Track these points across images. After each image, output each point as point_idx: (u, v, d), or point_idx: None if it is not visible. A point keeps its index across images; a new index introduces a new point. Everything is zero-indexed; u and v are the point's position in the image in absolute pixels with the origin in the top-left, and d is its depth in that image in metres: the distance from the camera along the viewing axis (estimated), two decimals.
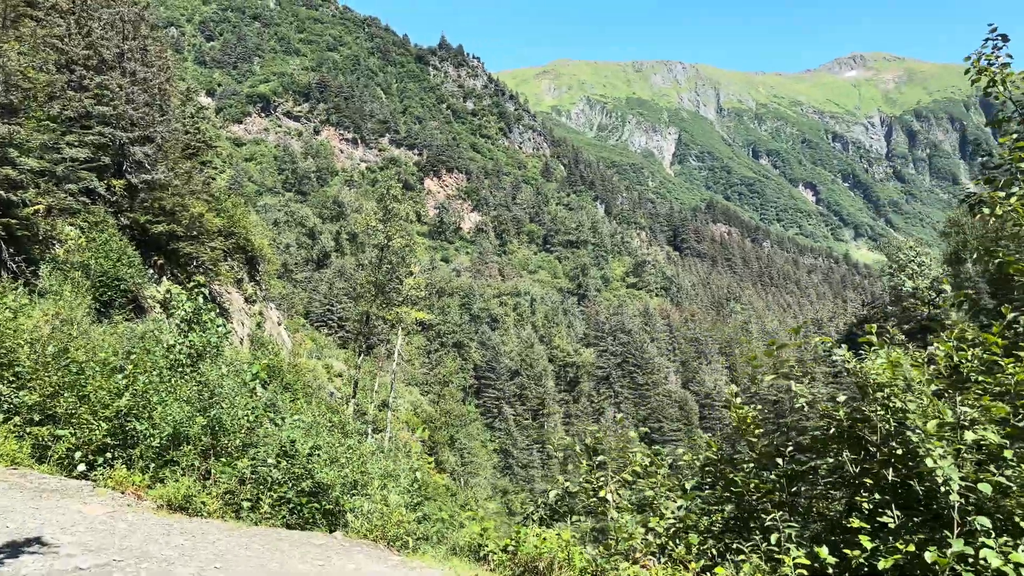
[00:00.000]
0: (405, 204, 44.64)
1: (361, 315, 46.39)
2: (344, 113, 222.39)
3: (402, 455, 41.33)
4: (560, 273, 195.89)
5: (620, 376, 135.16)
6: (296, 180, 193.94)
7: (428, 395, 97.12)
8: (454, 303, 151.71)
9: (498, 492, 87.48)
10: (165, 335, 12.43)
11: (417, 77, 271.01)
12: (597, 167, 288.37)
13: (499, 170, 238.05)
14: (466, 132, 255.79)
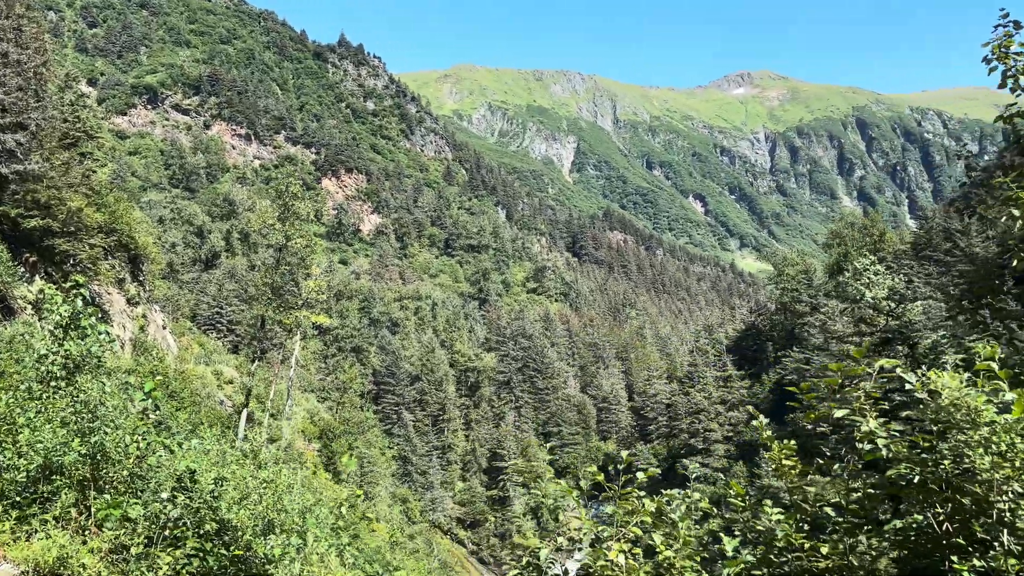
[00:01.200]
0: (305, 202, 42.54)
1: (256, 319, 43.85)
2: (237, 108, 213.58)
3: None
4: (462, 277, 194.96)
5: (521, 381, 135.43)
6: (184, 176, 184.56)
7: (326, 402, 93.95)
8: (353, 307, 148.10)
9: (397, 500, 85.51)
10: (37, 342, 10.72)
11: (315, 74, 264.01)
12: (499, 172, 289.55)
13: (400, 172, 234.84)
14: (366, 132, 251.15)
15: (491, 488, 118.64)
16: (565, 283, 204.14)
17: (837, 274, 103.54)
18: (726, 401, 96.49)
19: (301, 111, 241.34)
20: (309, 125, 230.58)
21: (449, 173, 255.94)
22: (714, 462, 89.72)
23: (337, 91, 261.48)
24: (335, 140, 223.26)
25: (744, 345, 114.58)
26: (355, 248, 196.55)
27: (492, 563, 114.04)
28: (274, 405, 44.44)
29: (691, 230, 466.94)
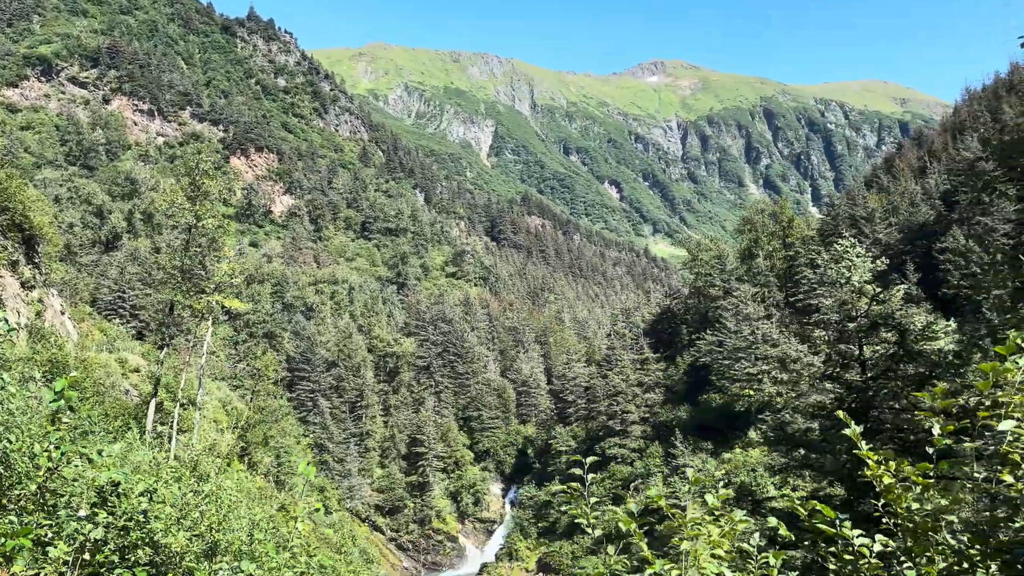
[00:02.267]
0: (217, 180, 40.20)
1: (164, 304, 41.33)
2: (139, 82, 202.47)
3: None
4: (379, 261, 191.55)
5: (441, 365, 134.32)
6: (82, 153, 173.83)
7: (238, 390, 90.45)
8: (265, 291, 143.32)
9: (314, 490, 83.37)
10: None
11: (223, 49, 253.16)
12: (416, 155, 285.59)
13: (314, 152, 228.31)
14: (277, 110, 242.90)
15: (410, 474, 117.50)
16: (484, 267, 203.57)
17: (749, 259, 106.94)
18: (643, 383, 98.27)
19: (208, 87, 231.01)
20: (217, 101, 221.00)
21: (365, 154, 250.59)
22: (631, 443, 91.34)
23: (246, 67, 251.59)
24: (244, 117, 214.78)
25: (660, 328, 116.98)
26: (266, 230, 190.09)
27: (411, 549, 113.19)
28: (185, 394, 42.08)
29: (607, 215, 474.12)
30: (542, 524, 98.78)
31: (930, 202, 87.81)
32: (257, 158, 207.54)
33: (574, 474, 5.42)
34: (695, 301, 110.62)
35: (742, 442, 77.12)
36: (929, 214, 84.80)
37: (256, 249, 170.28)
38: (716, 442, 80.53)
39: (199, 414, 41.84)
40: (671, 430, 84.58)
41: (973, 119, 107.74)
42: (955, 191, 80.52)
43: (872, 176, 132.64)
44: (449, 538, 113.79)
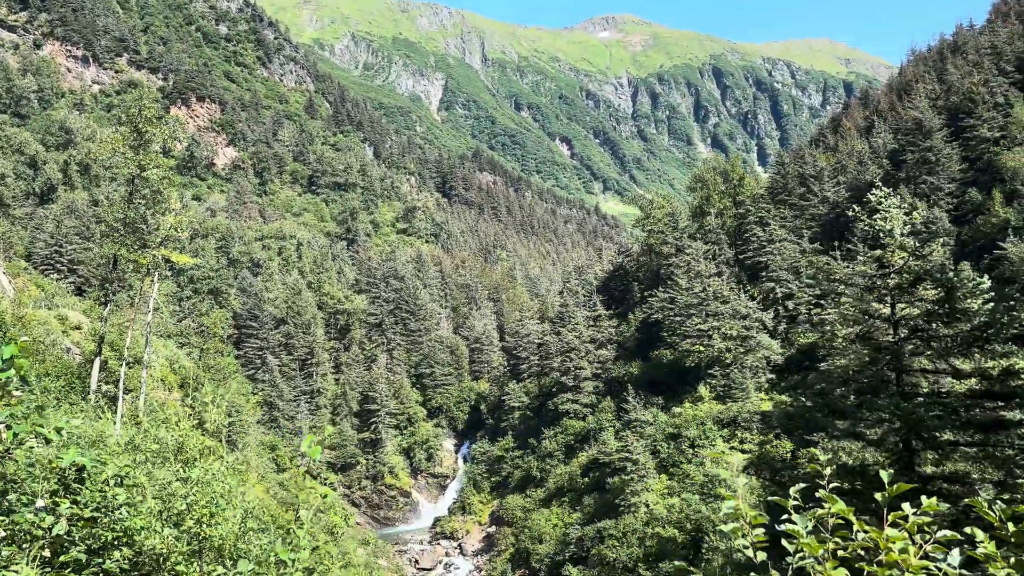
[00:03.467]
0: (162, 128, 38.21)
1: (107, 258, 39.51)
2: (72, 27, 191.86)
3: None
4: (328, 217, 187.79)
5: (393, 323, 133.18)
6: (12, 101, 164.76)
7: (184, 347, 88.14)
8: (209, 246, 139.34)
9: (265, 448, 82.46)
10: None
11: None
12: (365, 107, 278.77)
13: (258, 103, 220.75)
14: (219, 59, 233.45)
15: (362, 431, 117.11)
16: (436, 224, 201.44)
17: (700, 217, 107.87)
18: (595, 340, 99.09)
19: (146, 33, 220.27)
20: (155, 48, 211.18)
21: (311, 106, 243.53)
22: (584, 398, 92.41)
23: (186, 12, 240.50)
24: (185, 66, 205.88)
25: (612, 286, 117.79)
26: (209, 183, 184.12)
27: (364, 504, 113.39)
28: (130, 353, 40.54)
29: (558, 173, 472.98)
30: (495, 479, 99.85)
31: (878, 161, 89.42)
32: (199, 108, 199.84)
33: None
34: (647, 259, 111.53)
35: (692, 397, 78.67)
36: (877, 173, 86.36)
37: (199, 203, 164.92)
38: (667, 397, 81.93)
39: (146, 372, 40.43)
40: (623, 386, 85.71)
41: (919, 79, 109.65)
42: (902, 150, 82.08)
43: (819, 135, 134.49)
44: (402, 493, 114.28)
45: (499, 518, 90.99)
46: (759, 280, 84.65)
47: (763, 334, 78.14)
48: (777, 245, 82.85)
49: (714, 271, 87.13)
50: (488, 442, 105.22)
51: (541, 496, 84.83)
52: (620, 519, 68.40)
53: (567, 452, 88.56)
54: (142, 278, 42.87)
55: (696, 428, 73.18)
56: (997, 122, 78.52)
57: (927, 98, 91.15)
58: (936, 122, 79.43)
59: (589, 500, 76.25)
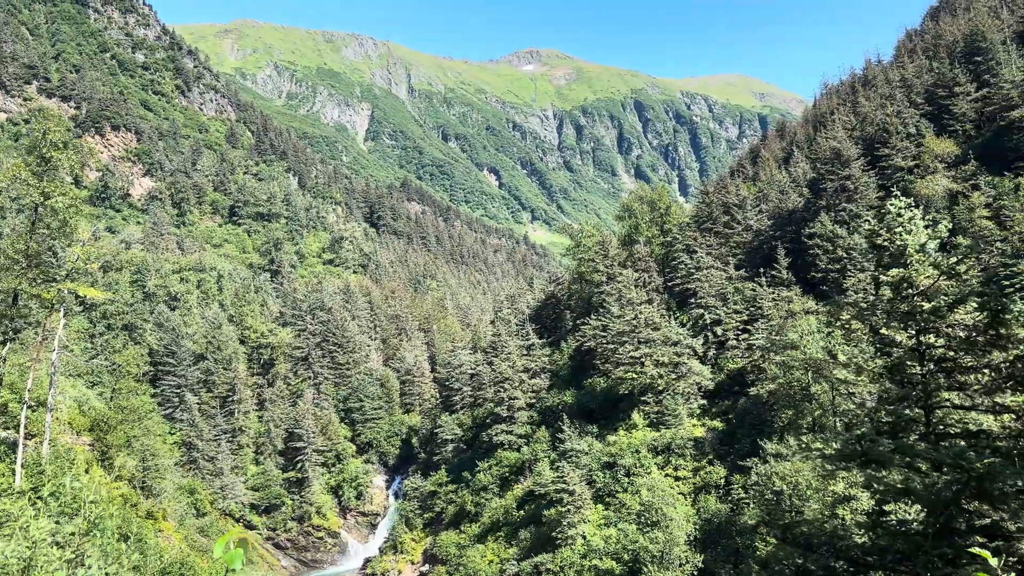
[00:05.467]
0: (68, 153, 35.78)
1: (6, 294, 36.53)
2: None
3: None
4: (250, 248, 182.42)
5: (320, 356, 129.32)
6: None
7: (95, 387, 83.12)
8: (124, 279, 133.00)
9: (184, 492, 78.22)
10: None
11: (74, 19, 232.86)
12: (289, 136, 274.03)
13: (176, 132, 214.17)
14: (136, 87, 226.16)
15: (288, 470, 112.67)
16: (364, 254, 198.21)
17: (629, 245, 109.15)
18: (529, 369, 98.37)
19: (57, 60, 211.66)
20: (67, 76, 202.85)
21: (233, 135, 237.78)
22: (518, 428, 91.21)
23: (100, 40, 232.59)
24: (99, 94, 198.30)
25: (544, 314, 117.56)
26: (124, 215, 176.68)
27: (290, 547, 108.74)
28: (33, 395, 37.44)
29: (486, 203, 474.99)
30: (428, 515, 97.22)
31: (798, 190, 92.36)
32: (113, 137, 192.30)
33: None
34: (578, 287, 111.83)
35: (626, 424, 78.51)
36: (797, 201, 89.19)
37: (113, 235, 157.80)
38: (601, 425, 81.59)
39: (51, 416, 37.35)
40: (557, 415, 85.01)
41: (833, 111, 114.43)
42: (821, 179, 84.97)
43: (738, 166, 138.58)
44: (330, 534, 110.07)
45: (433, 556, 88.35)
46: (688, 307, 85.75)
47: (694, 360, 78.91)
48: (705, 272, 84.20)
49: (645, 298, 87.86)
50: (420, 477, 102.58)
51: (476, 531, 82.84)
52: (557, 552, 67.21)
53: (502, 484, 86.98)
54: (48, 314, 39.88)
55: (631, 456, 72.89)
56: (910, 151, 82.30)
57: (844, 128, 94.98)
58: (853, 151, 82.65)
59: (525, 533, 74.77)
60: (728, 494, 62.50)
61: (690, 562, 55.86)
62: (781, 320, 67.80)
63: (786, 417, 60.83)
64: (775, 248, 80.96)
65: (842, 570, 13.28)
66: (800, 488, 46.70)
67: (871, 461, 14.89)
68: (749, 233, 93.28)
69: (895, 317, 17.17)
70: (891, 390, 17.46)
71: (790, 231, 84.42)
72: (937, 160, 79.48)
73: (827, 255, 75.55)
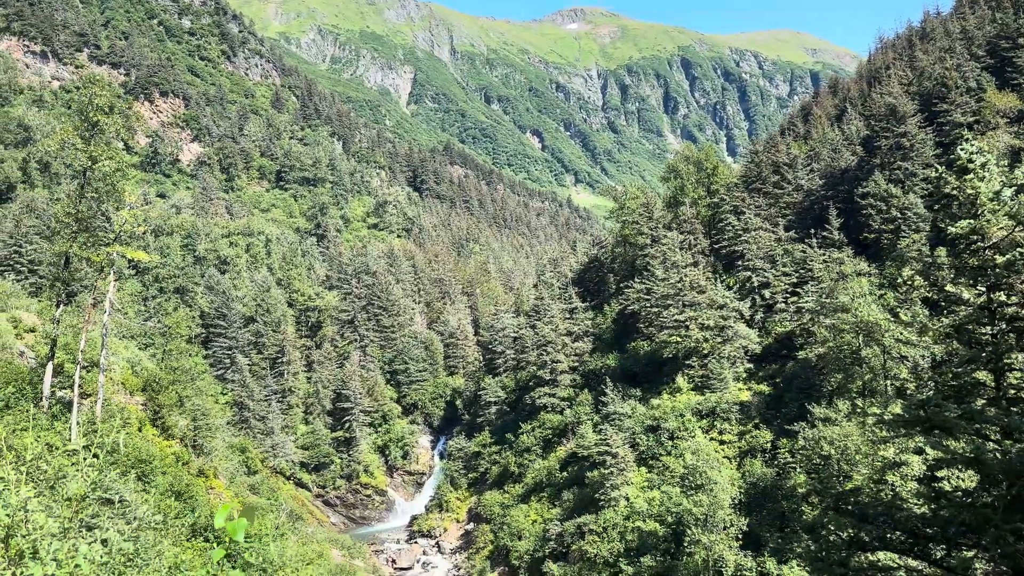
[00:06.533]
0: (114, 117, 36.10)
1: (59, 257, 37.33)
2: (29, 21, 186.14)
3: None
4: (296, 212, 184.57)
5: (366, 319, 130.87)
6: None
7: (148, 349, 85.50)
8: (175, 244, 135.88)
9: (235, 450, 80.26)
10: None
11: None
12: (333, 101, 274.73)
13: (223, 97, 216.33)
14: (183, 53, 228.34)
15: (336, 429, 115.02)
16: (407, 218, 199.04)
17: (675, 207, 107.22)
18: (572, 332, 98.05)
19: (107, 27, 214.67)
20: (116, 43, 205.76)
21: (278, 100, 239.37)
22: (561, 392, 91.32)
23: (148, 6, 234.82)
24: (147, 60, 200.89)
25: (587, 278, 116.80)
26: (174, 180, 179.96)
27: (339, 504, 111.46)
28: (86, 356, 38.44)
29: (529, 165, 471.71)
30: (472, 475, 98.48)
31: (851, 148, 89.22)
32: (162, 103, 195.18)
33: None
34: (622, 250, 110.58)
35: (670, 388, 77.89)
36: (850, 160, 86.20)
37: (164, 200, 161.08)
38: (644, 389, 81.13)
39: (104, 376, 38.36)
40: (600, 378, 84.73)
41: (888, 66, 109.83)
42: (875, 136, 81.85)
43: (789, 124, 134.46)
44: (378, 492, 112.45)
45: (477, 515, 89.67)
46: (735, 269, 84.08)
47: (740, 323, 77.58)
48: (752, 234, 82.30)
49: (690, 261, 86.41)
50: (464, 438, 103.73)
51: (519, 492, 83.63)
52: (600, 513, 67.44)
53: (545, 447, 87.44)
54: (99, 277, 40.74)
55: (675, 420, 72.41)
56: (970, 106, 78.60)
57: (900, 84, 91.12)
58: (909, 107, 79.27)
59: (568, 495, 75.19)
60: (774, 458, 61.71)
61: (735, 525, 55.46)
62: (832, 282, 66.01)
63: (835, 381, 59.54)
64: (826, 208, 78.57)
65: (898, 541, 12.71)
66: (849, 453, 45.76)
67: (935, 427, 14.04)
68: (799, 193, 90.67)
69: (963, 273, 15.87)
70: (958, 351, 16.13)
71: (842, 191, 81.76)
72: (999, 115, 75.70)
73: (880, 215, 73.03)
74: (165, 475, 36.53)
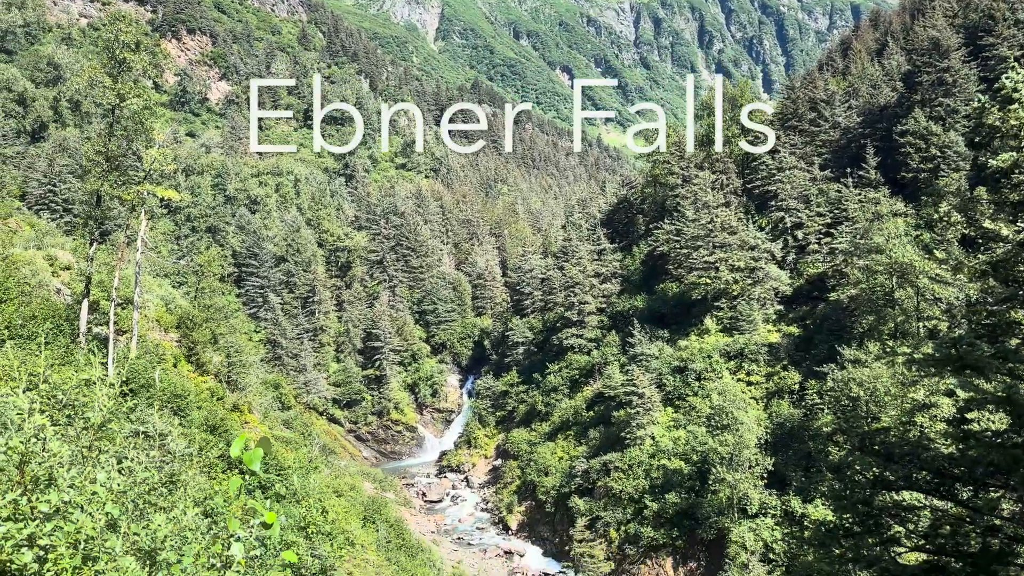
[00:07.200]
0: (141, 54, 35.92)
1: (91, 195, 37.75)
2: None
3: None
4: (325, 152, 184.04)
5: (394, 259, 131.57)
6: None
7: (181, 287, 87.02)
8: (205, 183, 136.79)
9: (269, 387, 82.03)
10: None
11: None
12: (359, 37, 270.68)
13: (249, 35, 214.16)
14: None
15: (367, 368, 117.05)
16: (435, 158, 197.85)
17: (707, 145, 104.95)
18: (600, 274, 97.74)
19: None
20: None
21: (305, 37, 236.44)
22: (588, 333, 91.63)
23: None
24: None
25: (616, 219, 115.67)
26: (203, 119, 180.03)
27: (370, 439, 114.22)
28: (120, 293, 39.18)
29: (558, 104, 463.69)
30: (500, 413, 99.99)
31: (891, 84, 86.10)
32: (189, 41, 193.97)
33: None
34: (652, 190, 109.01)
35: (698, 329, 77.71)
36: (890, 96, 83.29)
37: (193, 139, 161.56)
38: (672, 330, 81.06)
39: (137, 313, 39.17)
40: (628, 319, 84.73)
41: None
42: (917, 72, 78.81)
43: (827, 59, 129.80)
44: (408, 428, 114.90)
45: (505, 451, 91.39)
46: (768, 210, 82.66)
47: (771, 265, 76.65)
48: (787, 173, 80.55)
49: (722, 201, 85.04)
50: (492, 377, 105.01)
51: (546, 430, 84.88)
52: (625, 452, 68.33)
53: (572, 386, 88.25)
54: (131, 216, 41.23)
55: (702, 361, 72.45)
56: (1018, 40, 75.08)
57: (944, 16, 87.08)
58: (954, 41, 75.96)
59: (594, 433, 76.15)
60: (802, 399, 61.69)
61: (760, 464, 55.90)
62: (867, 223, 64.64)
63: (867, 323, 58.86)
64: (864, 147, 76.40)
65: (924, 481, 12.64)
66: (878, 394, 45.51)
67: (967, 367, 13.49)
68: (836, 131, 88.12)
69: (1003, 208, 15.15)
70: (994, 289, 15.64)
71: (880, 129, 79.25)
72: None
73: (919, 154, 70.86)
74: (200, 410, 37.55)
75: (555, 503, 74.26)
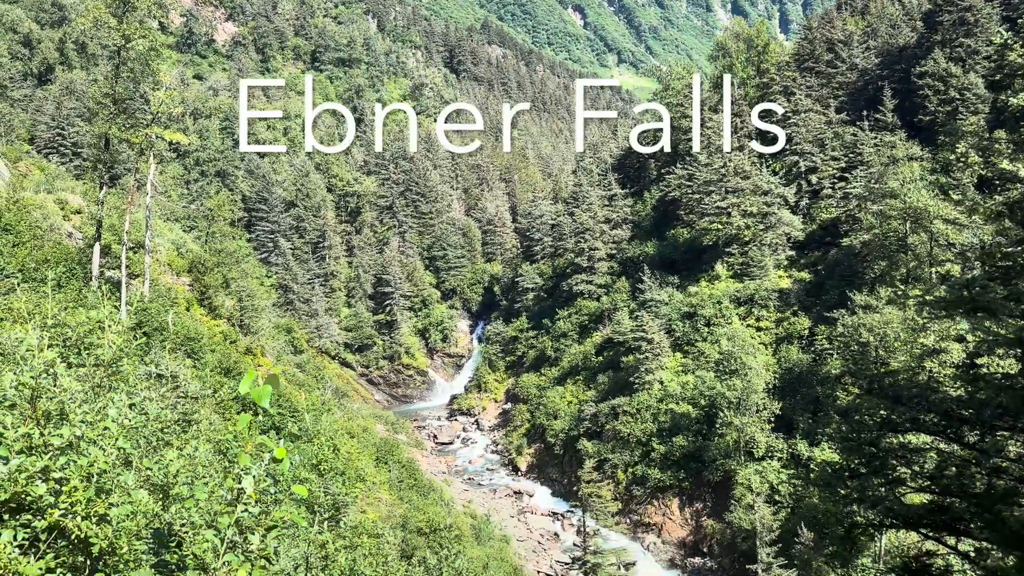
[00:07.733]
0: None
1: (99, 138, 37.54)
2: None
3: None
4: (332, 95, 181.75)
5: (404, 205, 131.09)
6: None
7: (192, 231, 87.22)
8: (213, 126, 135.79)
9: (281, 331, 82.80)
10: None
11: None
12: None
13: None
14: None
15: (378, 313, 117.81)
16: (444, 101, 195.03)
17: (722, 88, 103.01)
18: (610, 220, 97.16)
19: None
20: None
21: None
22: (598, 279, 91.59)
23: None
24: None
25: (627, 164, 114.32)
26: (210, 61, 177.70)
27: (382, 383, 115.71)
28: (132, 237, 39.32)
29: (570, 44, 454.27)
30: (509, 358, 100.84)
31: (911, 24, 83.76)
32: None
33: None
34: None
35: (708, 275, 77.56)
36: (910, 36, 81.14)
37: (201, 82, 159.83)
38: (682, 276, 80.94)
39: (149, 257, 39.37)
40: (638, 265, 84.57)
41: None
42: (938, 11, 76.53)
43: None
44: (419, 372, 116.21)
45: (514, 396, 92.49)
46: (782, 154, 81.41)
47: (784, 210, 75.95)
48: (802, 116, 79.07)
49: (736, 145, 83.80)
50: (502, 323, 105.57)
51: (555, 375, 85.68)
52: (634, 396, 69.03)
53: (581, 332, 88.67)
54: (140, 159, 41.09)
55: (712, 306, 72.51)
56: None
57: None
58: None
59: (603, 378, 76.83)
60: (811, 345, 61.82)
61: (767, 409, 56.41)
62: (882, 167, 63.70)
63: (879, 269, 58.55)
64: (881, 89, 74.72)
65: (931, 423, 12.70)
66: (888, 340, 45.53)
67: (979, 308, 13.32)
68: (854, 73, 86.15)
69: (1022, 148, 14.73)
70: (1009, 231, 15.30)
71: (898, 70, 77.42)
72: None
73: (938, 96, 69.31)
74: (214, 352, 38.03)
75: (564, 445, 75.42)
